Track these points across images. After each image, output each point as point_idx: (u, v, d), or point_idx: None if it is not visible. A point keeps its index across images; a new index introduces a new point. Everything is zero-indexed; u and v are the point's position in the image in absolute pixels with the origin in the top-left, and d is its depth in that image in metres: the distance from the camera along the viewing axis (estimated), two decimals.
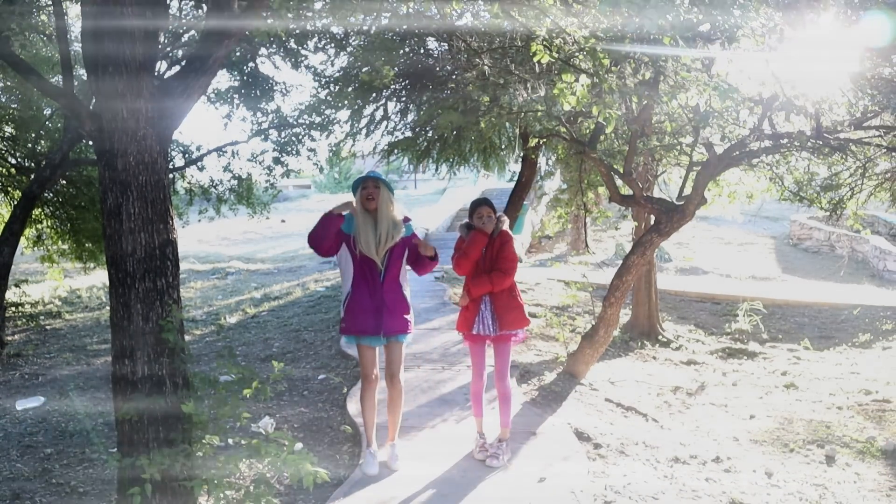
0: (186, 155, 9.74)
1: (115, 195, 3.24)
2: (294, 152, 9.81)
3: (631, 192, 6.56)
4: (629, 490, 4.09)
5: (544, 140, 8.36)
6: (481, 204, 4.43)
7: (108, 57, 3.17)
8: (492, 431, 4.56)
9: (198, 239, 23.04)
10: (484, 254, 4.40)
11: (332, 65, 9.20)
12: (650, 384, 6.84)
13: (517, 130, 10.35)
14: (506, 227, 4.47)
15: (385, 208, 4.15)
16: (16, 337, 9.54)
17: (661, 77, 4.84)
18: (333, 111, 9.50)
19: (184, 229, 11.26)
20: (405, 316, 4.22)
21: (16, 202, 8.66)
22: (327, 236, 4.08)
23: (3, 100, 9.68)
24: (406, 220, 4.29)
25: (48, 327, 10.24)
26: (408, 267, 4.34)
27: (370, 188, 4.15)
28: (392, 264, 4.18)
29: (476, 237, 4.37)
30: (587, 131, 6.92)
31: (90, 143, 8.62)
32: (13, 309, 10.96)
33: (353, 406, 5.37)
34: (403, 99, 9.78)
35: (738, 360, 8.25)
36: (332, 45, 8.60)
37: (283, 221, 26.90)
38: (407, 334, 4.25)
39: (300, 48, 9.01)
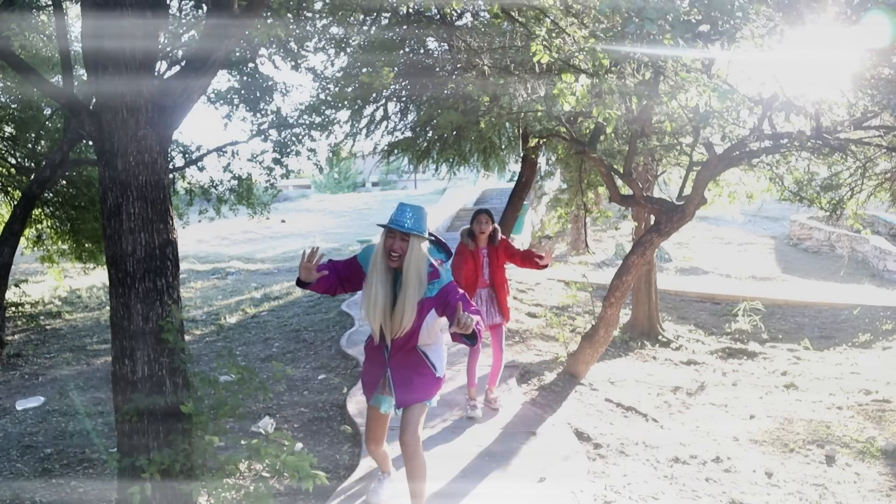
0: (186, 155, 9.73)
1: (115, 195, 3.24)
2: (294, 152, 9.80)
3: (631, 192, 6.55)
4: (629, 490, 4.09)
5: (544, 140, 8.36)
6: (480, 212, 5.14)
7: (108, 57, 3.17)
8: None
9: (198, 239, 23.03)
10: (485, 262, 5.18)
11: (332, 65, 9.22)
12: (650, 384, 6.84)
13: (517, 130, 10.35)
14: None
15: (412, 274, 2.97)
16: (16, 337, 9.53)
17: (661, 77, 4.84)
18: (333, 111, 9.51)
19: (184, 229, 11.26)
20: (425, 382, 3.24)
21: (16, 202, 8.65)
22: (316, 288, 3.19)
23: (3, 100, 9.67)
24: (435, 272, 3.08)
25: (48, 327, 10.25)
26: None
27: (397, 241, 3.01)
28: (410, 334, 3.13)
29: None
30: (587, 131, 6.92)
31: (90, 143, 8.62)
32: (13, 309, 10.97)
33: (352, 406, 5.38)
34: (403, 99, 9.79)
35: (738, 360, 8.25)
36: (332, 45, 8.60)
37: (283, 221, 26.94)
38: (429, 400, 3.30)
39: (300, 48, 9.01)
